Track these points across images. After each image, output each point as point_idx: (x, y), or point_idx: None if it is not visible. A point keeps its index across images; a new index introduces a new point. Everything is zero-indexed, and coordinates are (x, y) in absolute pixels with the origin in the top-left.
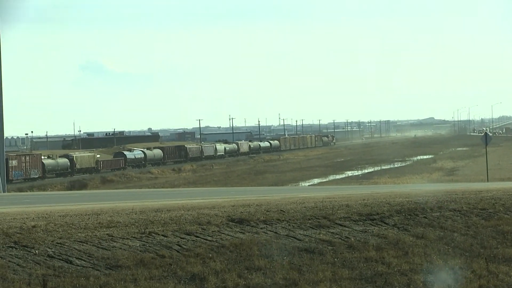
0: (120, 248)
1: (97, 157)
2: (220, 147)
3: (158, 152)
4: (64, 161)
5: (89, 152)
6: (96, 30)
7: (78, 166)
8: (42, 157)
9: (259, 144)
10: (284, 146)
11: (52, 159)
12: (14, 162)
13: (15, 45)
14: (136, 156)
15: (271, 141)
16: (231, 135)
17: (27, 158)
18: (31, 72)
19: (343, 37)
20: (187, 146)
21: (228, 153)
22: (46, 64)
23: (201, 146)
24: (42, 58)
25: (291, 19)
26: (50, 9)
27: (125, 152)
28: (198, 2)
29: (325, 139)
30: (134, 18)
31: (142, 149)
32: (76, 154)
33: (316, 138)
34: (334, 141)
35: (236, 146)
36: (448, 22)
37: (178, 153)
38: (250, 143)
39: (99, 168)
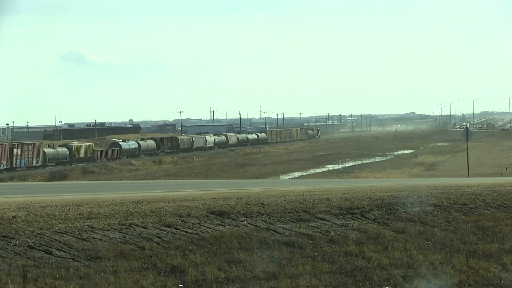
0: (100, 240)
1: (93, 147)
2: (210, 138)
3: (151, 143)
4: (63, 150)
5: (87, 142)
6: (78, 21)
7: (76, 155)
8: (43, 147)
9: (247, 137)
10: (271, 138)
11: (53, 148)
12: (17, 151)
13: None
14: (131, 147)
15: (258, 134)
16: (212, 127)
17: (30, 147)
18: (12, 62)
19: (326, 31)
20: (179, 137)
21: (218, 145)
22: (27, 54)
23: (192, 138)
24: (23, 48)
25: (274, 13)
26: None
27: (121, 143)
28: None
29: (310, 132)
30: (116, 9)
31: (136, 140)
32: (75, 143)
33: (302, 131)
34: (319, 134)
35: (225, 138)
36: (431, 18)
37: (170, 144)
38: (238, 135)
39: (96, 158)
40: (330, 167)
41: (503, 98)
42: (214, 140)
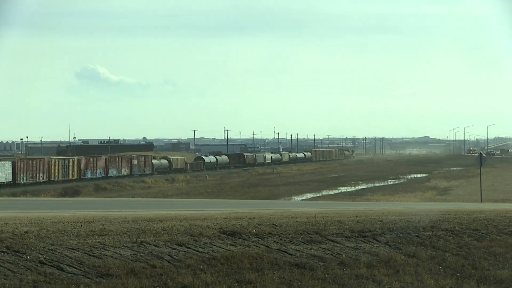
0: (112, 257)
1: (185, 160)
2: (268, 156)
3: (225, 158)
4: (165, 161)
5: (181, 155)
6: (93, 38)
7: (174, 166)
8: (152, 159)
9: (296, 155)
10: (314, 157)
11: (158, 160)
12: (135, 161)
13: (11, 50)
14: (211, 161)
15: (305, 153)
16: (225, 147)
17: (143, 158)
18: (28, 78)
19: (339, 53)
20: (245, 154)
21: (274, 161)
22: (43, 70)
23: (255, 155)
24: (38, 64)
25: (288, 34)
26: (48, 16)
27: (203, 157)
28: (195, 14)
29: (346, 153)
30: (131, 27)
31: (214, 156)
32: (173, 156)
33: (340, 152)
34: (353, 155)
35: (280, 156)
36: (446, 43)
37: (238, 160)
38: (290, 153)
39: (186, 169)
40: (343, 189)
41: None
42: (271, 157)
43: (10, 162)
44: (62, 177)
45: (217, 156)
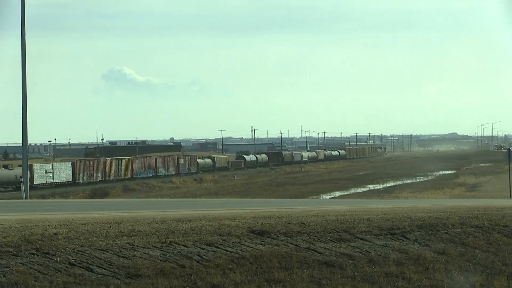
0: (141, 257)
1: (228, 159)
2: (305, 154)
3: (264, 157)
4: (209, 161)
5: (223, 155)
6: (119, 39)
7: (217, 165)
8: (197, 158)
9: (331, 153)
10: (349, 155)
11: (202, 159)
12: (181, 161)
13: (39, 52)
14: (251, 159)
15: (339, 151)
16: (253, 146)
17: (189, 158)
18: (55, 80)
19: (365, 51)
20: (283, 152)
21: (310, 159)
22: (70, 73)
23: (292, 153)
24: (65, 66)
25: (313, 32)
26: (74, 18)
27: (244, 156)
28: (221, 13)
29: (379, 150)
30: (157, 27)
31: (254, 154)
32: (216, 156)
33: (372, 149)
34: (386, 152)
35: (316, 154)
36: (472, 37)
37: (277, 158)
38: (325, 151)
39: (229, 167)
40: (371, 186)
41: None
42: (308, 155)
43: (70, 163)
44: (116, 177)
45: (257, 155)
